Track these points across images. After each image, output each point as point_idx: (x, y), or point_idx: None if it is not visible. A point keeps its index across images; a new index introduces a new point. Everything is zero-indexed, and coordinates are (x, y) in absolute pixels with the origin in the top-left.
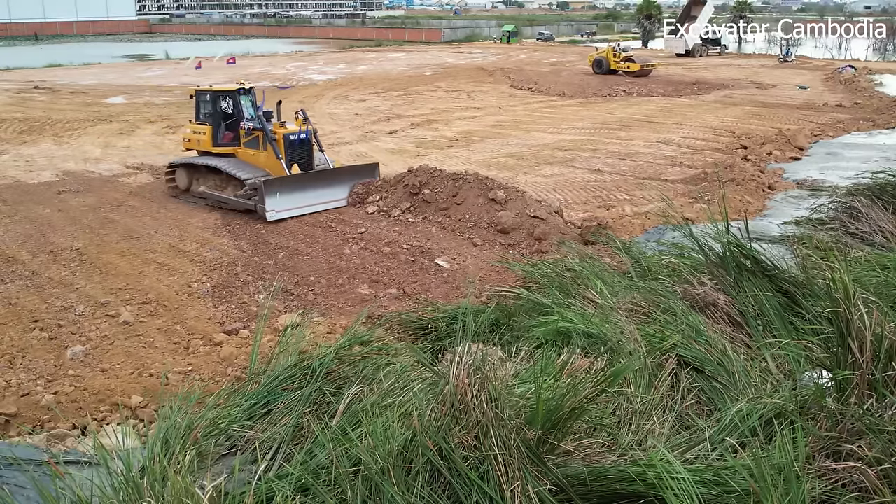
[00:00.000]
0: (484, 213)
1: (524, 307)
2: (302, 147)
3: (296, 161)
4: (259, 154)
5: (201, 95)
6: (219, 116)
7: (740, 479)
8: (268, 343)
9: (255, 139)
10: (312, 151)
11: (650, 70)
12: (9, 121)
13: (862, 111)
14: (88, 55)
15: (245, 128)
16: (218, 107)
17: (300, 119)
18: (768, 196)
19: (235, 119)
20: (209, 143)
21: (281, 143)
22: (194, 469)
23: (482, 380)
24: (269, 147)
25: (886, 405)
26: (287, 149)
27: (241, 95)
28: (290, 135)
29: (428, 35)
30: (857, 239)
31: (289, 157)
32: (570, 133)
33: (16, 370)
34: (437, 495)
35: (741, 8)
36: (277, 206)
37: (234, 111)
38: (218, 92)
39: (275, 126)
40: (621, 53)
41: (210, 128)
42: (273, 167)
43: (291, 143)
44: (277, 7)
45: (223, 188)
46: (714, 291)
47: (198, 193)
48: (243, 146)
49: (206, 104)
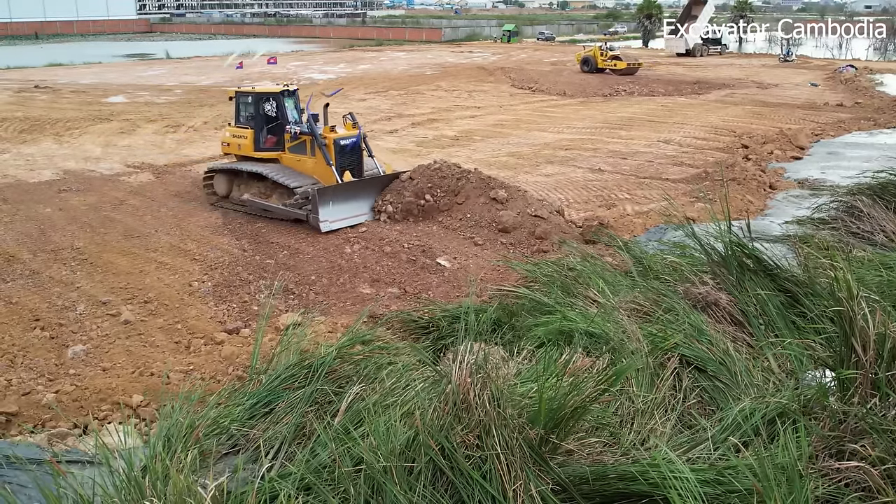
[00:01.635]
0: (485, 213)
1: (526, 306)
2: (353, 153)
3: (346, 167)
4: (306, 160)
5: (242, 97)
6: (261, 119)
7: (743, 479)
8: (269, 342)
9: (302, 144)
10: (363, 157)
11: (636, 68)
12: (9, 120)
13: (863, 111)
14: (89, 54)
15: (291, 132)
16: (260, 109)
17: (350, 123)
18: (769, 195)
19: (279, 122)
20: (251, 147)
21: (332, 149)
22: (196, 468)
23: (484, 379)
24: (319, 153)
25: (890, 405)
26: (338, 155)
27: (285, 97)
28: (342, 140)
29: (428, 34)
30: (859, 238)
31: (339, 163)
32: (570, 132)
33: (17, 369)
34: (440, 494)
35: (742, 7)
36: (331, 217)
37: (277, 114)
38: (261, 94)
39: (324, 130)
40: (608, 52)
41: (252, 132)
42: (322, 174)
43: (342, 148)
44: (278, 6)
45: (267, 196)
46: (716, 291)
47: (240, 201)
48: (288, 151)
49: (248, 107)
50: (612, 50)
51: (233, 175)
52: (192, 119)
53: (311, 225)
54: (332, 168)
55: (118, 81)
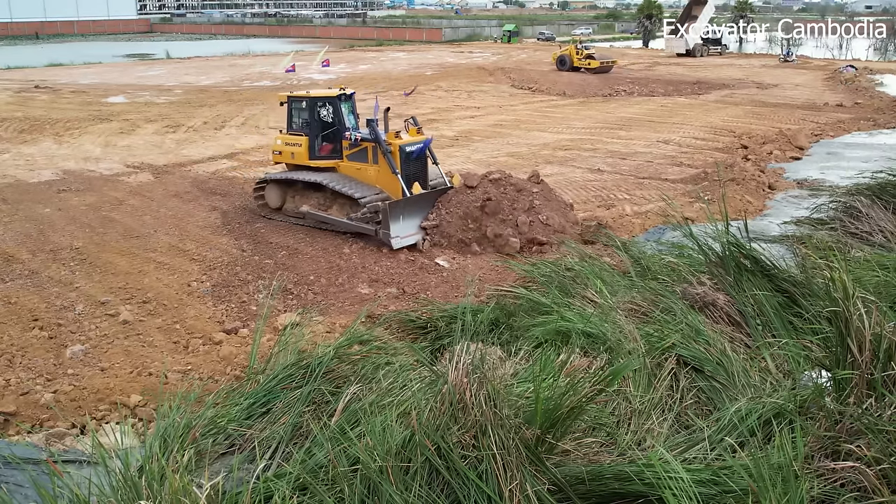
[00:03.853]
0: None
1: (523, 306)
2: (418, 160)
3: (411, 176)
4: (367, 168)
5: (295, 102)
6: (317, 126)
7: (739, 479)
8: (267, 342)
9: (363, 151)
10: (427, 165)
11: (610, 67)
12: (9, 120)
13: (862, 111)
14: (89, 54)
15: (351, 138)
16: (316, 115)
17: (413, 128)
18: (768, 196)
19: (336, 129)
20: (305, 155)
21: (397, 156)
22: (192, 468)
23: (481, 379)
24: (383, 160)
25: (885, 405)
26: (403, 162)
27: (342, 102)
28: (408, 146)
29: (429, 35)
30: (858, 239)
31: (404, 171)
32: (570, 132)
33: (15, 369)
34: (436, 494)
35: (742, 8)
36: (402, 232)
37: (334, 119)
38: (316, 98)
39: (389, 136)
40: (584, 51)
41: (306, 139)
42: (387, 184)
43: (408, 155)
44: (278, 7)
45: (326, 207)
46: (713, 291)
47: (298, 213)
48: (346, 159)
49: (302, 112)
50: (586, 49)
51: (286, 185)
52: (192, 119)
53: (381, 240)
54: (398, 177)
55: (118, 81)
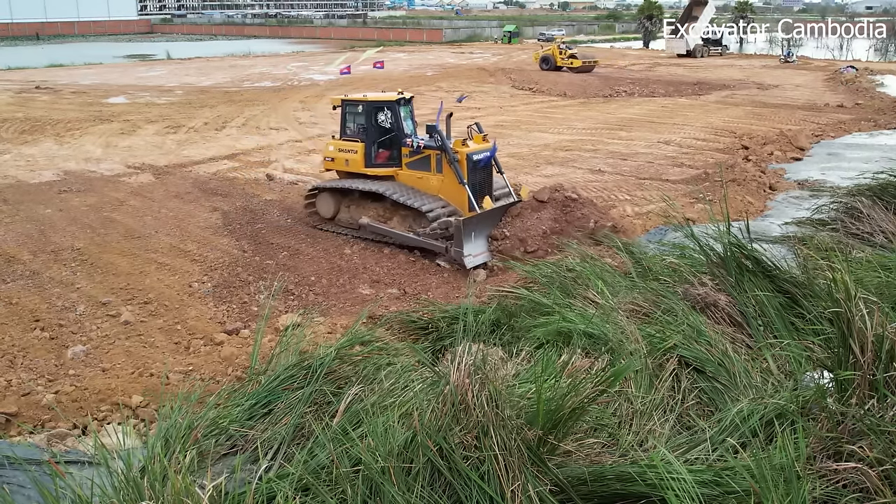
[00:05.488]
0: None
1: (525, 307)
2: (484, 169)
3: (477, 186)
4: (430, 177)
5: (350, 107)
6: (374, 131)
7: (741, 480)
8: (268, 343)
9: (425, 159)
10: (492, 174)
11: (592, 66)
12: (10, 120)
13: (863, 112)
14: (90, 55)
15: (413, 145)
16: (373, 120)
17: (478, 134)
18: (769, 196)
19: (395, 135)
20: (361, 163)
21: (464, 165)
22: (194, 469)
23: (483, 380)
24: (447, 169)
25: (888, 406)
26: (469, 172)
27: (401, 106)
28: (475, 154)
29: (429, 35)
30: (859, 239)
31: (471, 181)
32: (571, 133)
33: (17, 370)
34: (438, 495)
35: (742, 8)
36: (475, 250)
37: (393, 125)
38: (373, 102)
39: (455, 144)
40: (567, 51)
41: (362, 145)
42: (452, 194)
43: (475, 164)
44: (279, 7)
45: (386, 219)
46: (715, 292)
47: (353, 224)
48: (405, 167)
49: (358, 117)
50: (569, 48)
51: (340, 194)
52: (193, 120)
53: (453, 259)
54: (465, 188)
55: (119, 82)
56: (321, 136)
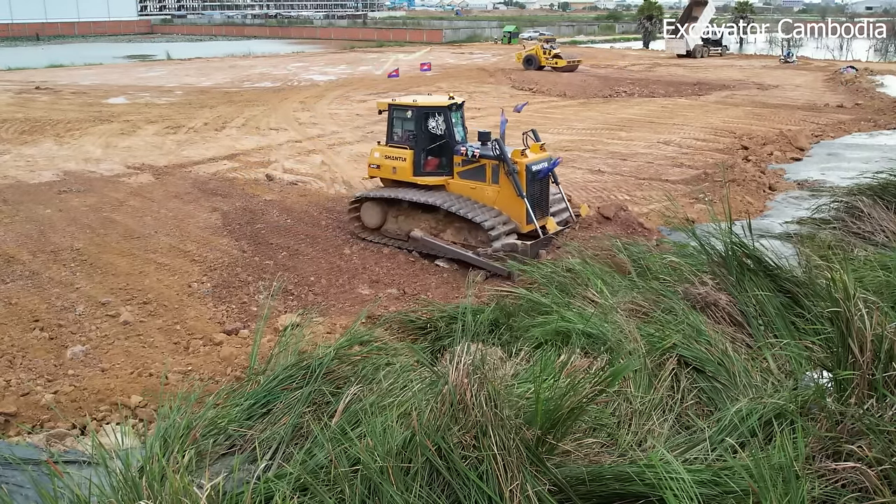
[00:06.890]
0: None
1: (524, 307)
2: (542, 181)
3: (534, 198)
4: (485, 188)
5: (398, 111)
6: (424, 138)
7: (740, 480)
8: (267, 343)
9: (479, 169)
10: (549, 186)
11: (576, 66)
12: (10, 121)
13: (863, 112)
14: (90, 56)
15: (468, 153)
16: (423, 126)
17: (536, 143)
18: (769, 196)
19: (445, 142)
20: (409, 171)
21: (523, 177)
22: (193, 468)
23: (481, 379)
24: (504, 181)
25: (887, 405)
26: (528, 184)
27: (453, 112)
28: (534, 165)
29: (429, 36)
30: (860, 238)
31: (528, 193)
32: (570, 133)
33: (16, 370)
34: (436, 495)
35: (742, 9)
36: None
37: (444, 132)
38: (423, 107)
39: (514, 154)
40: (551, 50)
41: (411, 152)
42: (508, 206)
43: (534, 175)
44: (279, 8)
45: (438, 231)
46: (715, 291)
47: (402, 236)
48: (457, 176)
49: (406, 122)
50: (553, 48)
51: (388, 204)
52: (193, 120)
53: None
54: (524, 201)
55: (119, 82)
56: (321, 136)
